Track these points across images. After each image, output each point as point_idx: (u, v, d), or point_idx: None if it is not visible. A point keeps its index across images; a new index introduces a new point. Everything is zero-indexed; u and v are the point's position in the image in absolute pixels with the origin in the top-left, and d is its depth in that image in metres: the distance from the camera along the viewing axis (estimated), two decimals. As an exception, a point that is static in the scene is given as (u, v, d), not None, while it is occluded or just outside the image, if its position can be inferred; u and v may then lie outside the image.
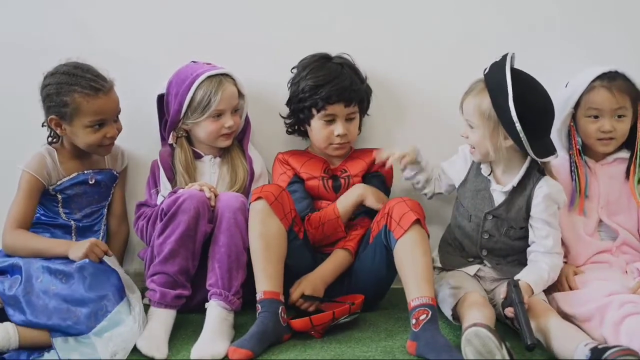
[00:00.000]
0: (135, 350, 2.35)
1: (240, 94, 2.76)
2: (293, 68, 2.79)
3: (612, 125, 2.58)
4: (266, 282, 2.45)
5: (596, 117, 2.59)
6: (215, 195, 2.59)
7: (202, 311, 2.46)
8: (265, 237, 2.49)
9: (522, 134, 2.39)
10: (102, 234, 2.75)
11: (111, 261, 2.53)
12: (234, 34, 2.88)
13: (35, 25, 2.89)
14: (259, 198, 2.51)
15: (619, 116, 2.59)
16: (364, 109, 2.81)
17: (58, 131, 2.64)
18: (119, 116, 2.68)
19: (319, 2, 2.88)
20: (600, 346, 2.12)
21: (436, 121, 2.87)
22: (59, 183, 2.67)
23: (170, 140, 2.79)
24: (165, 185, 2.75)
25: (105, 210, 2.78)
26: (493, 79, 2.46)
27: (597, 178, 2.66)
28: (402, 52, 2.88)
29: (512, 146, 2.47)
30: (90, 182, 2.71)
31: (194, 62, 2.77)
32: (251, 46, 2.88)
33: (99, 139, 2.62)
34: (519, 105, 2.37)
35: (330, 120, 2.71)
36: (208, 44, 2.87)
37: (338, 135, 2.71)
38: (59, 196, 2.68)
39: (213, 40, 2.88)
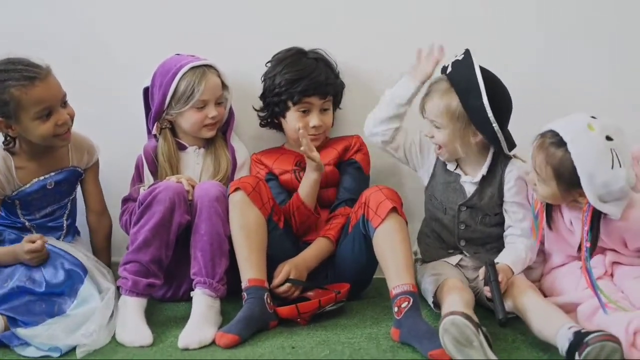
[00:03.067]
0: (119, 345, 2.38)
1: (224, 86, 2.79)
2: (268, 62, 2.82)
3: (532, 178, 2.42)
4: (250, 270, 2.49)
5: None
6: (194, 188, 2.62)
7: (190, 300, 2.49)
8: (245, 227, 2.53)
9: (499, 133, 2.44)
10: (64, 229, 2.73)
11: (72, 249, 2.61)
12: (225, 30, 2.92)
13: (34, 18, 2.91)
14: (237, 189, 2.55)
15: (538, 179, 2.39)
16: (337, 102, 2.85)
17: (10, 133, 2.54)
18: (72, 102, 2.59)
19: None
20: (583, 330, 2.14)
21: (409, 112, 2.91)
22: (14, 193, 2.62)
23: (154, 131, 2.81)
24: (148, 179, 2.77)
25: (69, 205, 2.73)
26: (460, 78, 2.47)
27: (567, 216, 2.48)
28: (375, 45, 2.91)
29: (480, 141, 2.52)
30: (49, 187, 2.65)
31: (177, 54, 2.79)
32: (241, 41, 2.91)
33: (51, 129, 2.51)
34: (491, 104, 2.41)
35: (306, 111, 2.76)
36: (201, 41, 2.90)
37: (313, 127, 2.75)
38: (17, 201, 2.65)
39: (205, 36, 2.91)
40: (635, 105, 2.84)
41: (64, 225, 2.73)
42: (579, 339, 2.11)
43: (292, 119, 2.77)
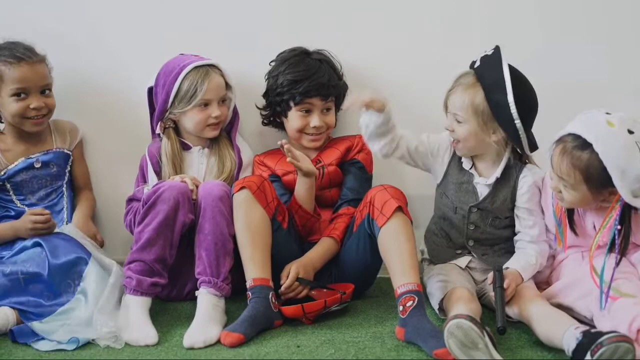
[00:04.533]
0: (125, 344, 2.38)
1: (228, 86, 2.79)
2: (271, 61, 2.83)
3: (557, 187, 2.39)
4: (255, 269, 2.50)
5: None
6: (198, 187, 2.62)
7: (195, 300, 2.49)
8: (250, 227, 2.53)
9: (521, 131, 2.44)
10: (65, 212, 2.77)
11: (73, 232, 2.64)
12: (229, 30, 2.91)
13: (37, 17, 2.91)
14: (242, 188, 2.55)
15: (564, 185, 2.36)
16: (340, 103, 2.85)
17: None
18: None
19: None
20: (593, 330, 2.14)
21: (410, 112, 2.86)
22: (3, 172, 2.69)
23: (158, 130, 2.82)
24: (152, 179, 2.77)
25: (64, 188, 2.78)
26: (487, 73, 2.47)
27: (591, 219, 2.46)
28: (378, 44, 2.91)
29: (499, 140, 2.51)
30: (37, 166, 2.73)
31: (181, 54, 2.79)
32: (245, 41, 2.91)
33: (22, 109, 2.64)
34: (516, 102, 2.41)
35: (307, 111, 2.76)
36: (205, 40, 2.90)
37: (314, 127, 2.76)
38: (8, 184, 2.70)
39: (209, 36, 2.91)
40: (635, 97, 2.86)
41: (64, 207, 2.77)
42: (590, 339, 2.11)
43: (293, 119, 2.78)
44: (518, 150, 2.55)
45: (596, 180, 2.30)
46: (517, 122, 2.43)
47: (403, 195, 2.54)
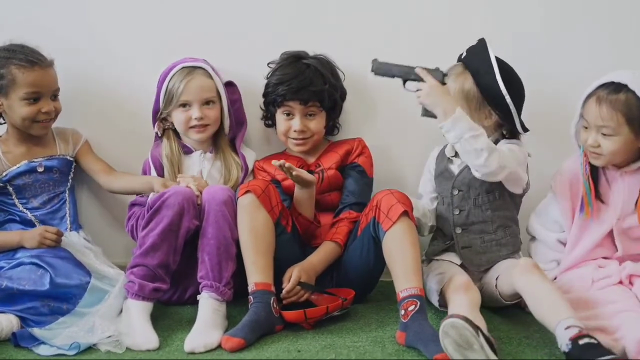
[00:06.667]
0: (126, 349, 2.38)
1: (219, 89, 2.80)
2: (269, 63, 2.85)
3: (595, 140, 2.44)
4: (257, 274, 2.50)
5: (586, 127, 2.47)
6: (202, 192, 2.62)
7: (196, 304, 2.49)
8: (254, 231, 2.53)
9: (512, 106, 2.50)
10: (68, 219, 2.77)
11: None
12: (232, 34, 2.93)
13: (36, 20, 2.92)
14: (247, 192, 2.55)
15: (604, 134, 2.42)
16: (327, 108, 2.81)
17: None
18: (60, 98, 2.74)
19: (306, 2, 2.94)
20: (581, 342, 2.11)
21: (407, 115, 2.88)
22: (4, 174, 2.70)
23: (156, 129, 2.83)
24: (155, 184, 2.78)
25: (67, 195, 2.78)
26: (474, 59, 2.55)
27: (617, 185, 2.51)
28: (377, 47, 2.85)
29: (493, 124, 2.57)
30: (39, 170, 2.73)
31: (186, 57, 2.81)
32: (248, 45, 2.93)
33: (33, 113, 2.65)
34: (505, 82, 2.49)
35: (289, 114, 2.78)
36: (209, 44, 2.92)
37: (295, 131, 2.77)
38: (10, 187, 2.71)
39: (212, 39, 2.93)
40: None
41: (67, 213, 2.77)
42: (578, 353, 2.09)
43: (278, 122, 2.82)
44: (510, 131, 2.58)
45: (637, 117, 2.40)
46: (508, 98, 2.49)
47: (409, 200, 2.54)
